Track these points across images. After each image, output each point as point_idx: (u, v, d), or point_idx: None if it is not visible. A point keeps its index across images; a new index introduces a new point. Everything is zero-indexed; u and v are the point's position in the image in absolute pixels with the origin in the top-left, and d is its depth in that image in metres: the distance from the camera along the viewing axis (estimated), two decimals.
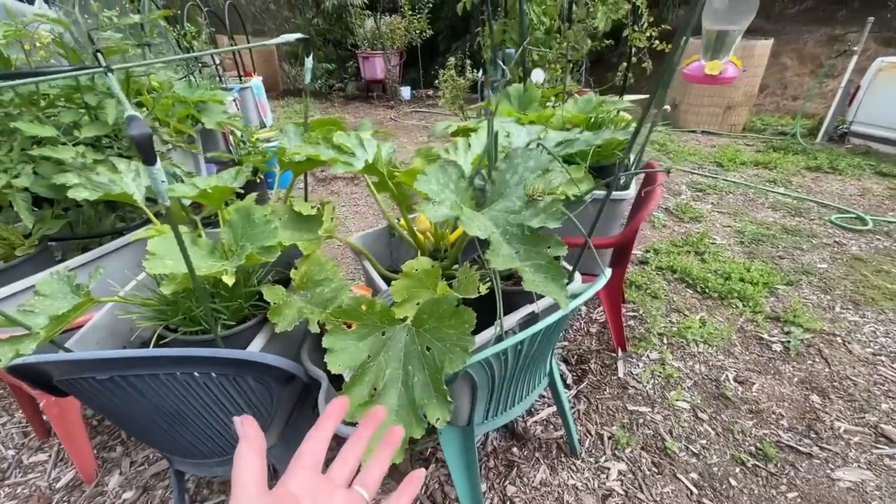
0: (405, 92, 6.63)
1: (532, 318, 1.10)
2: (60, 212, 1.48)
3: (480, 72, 3.89)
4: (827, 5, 15.01)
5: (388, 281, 1.21)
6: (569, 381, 1.81)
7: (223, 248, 0.95)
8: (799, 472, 1.44)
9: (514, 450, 1.55)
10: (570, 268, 1.19)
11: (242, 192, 1.31)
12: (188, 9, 3.22)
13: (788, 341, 1.95)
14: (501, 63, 1.10)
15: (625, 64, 2.40)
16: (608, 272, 1.16)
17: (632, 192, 1.59)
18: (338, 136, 1.20)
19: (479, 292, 1.00)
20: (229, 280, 0.81)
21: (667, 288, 2.32)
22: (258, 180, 2.94)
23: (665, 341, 1.97)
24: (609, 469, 1.47)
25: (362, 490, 0.42)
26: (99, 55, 0.88)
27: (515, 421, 1.65)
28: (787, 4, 15.91)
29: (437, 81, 3.85)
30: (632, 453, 1.52)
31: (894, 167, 3.80)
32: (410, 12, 6.24)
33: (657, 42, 2.23)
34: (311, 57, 1.18)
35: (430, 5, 6.25)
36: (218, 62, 3.47)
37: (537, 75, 2.76)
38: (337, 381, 0.99)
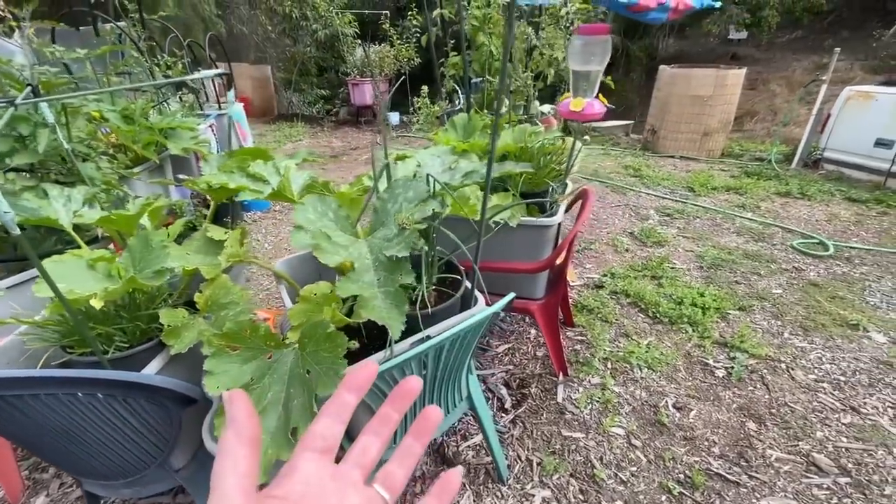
0: (393, 117, 6.79)
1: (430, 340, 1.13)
2: (3, 234, 1.54)
3: (446, 100, 4.01)
4: (815, 34, 15.39)
5: None
6: (507, 405, 1.81)
7: (118, 272, 0.99)
8: (725, 500, 1.42)
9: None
10: (488, 292, 1.22)
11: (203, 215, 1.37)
12: (170, 40, 3.37)
13: (732, 367, 1.95)
14: (460, 92, 1.18)
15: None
16: (511, 295, 1.19)
17: (557, 218, 1.63)
18: (255, 165, 1.26)
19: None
20: (97, 304, 0.85)
21: (619, 312, 2.33)
22: (230, 202, 3.02)
23: (609, 366, 1.97)
24: (534, 496, 1.46)
25: (383, 491, 0.32)
26: (30, 88, 0.94)
27: (447, 444, 1.65)
28: (777, 34, 16.32)
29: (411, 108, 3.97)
30: (559, 480, 1.51)
31: (863, 193, 3.84)
32: (399, 41, 6.46)
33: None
34: (232, 91, 1.24)
35: (418, 34, 6.46)
36: (198, 88, 3.60)
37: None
38: None
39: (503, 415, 1.77)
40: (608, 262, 2.84)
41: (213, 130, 3.30)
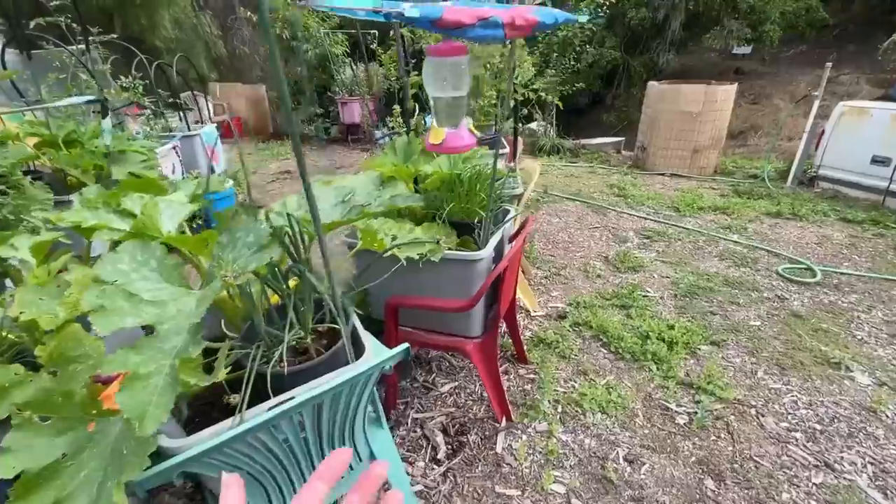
0: (380, 135, 6.74)
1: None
2: None
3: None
4: (820, 48, 15.21)
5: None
6: (441, 454, 1.64)
7: None
8: None
9: None
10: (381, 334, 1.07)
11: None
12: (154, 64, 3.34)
13: (696, 412, 1.76)
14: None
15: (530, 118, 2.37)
16: (402, 347, 1.04)
17: (483, 253, 1.48)
18: (128, 199, 1.14)
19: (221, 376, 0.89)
20: None
21: (579, 347, 2.16)
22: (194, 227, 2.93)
23: (559, 409, 1.80)
24: None
25: None
26: None
27: None
28: (782, 48, 16.17)
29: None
30: None
31: (860, 213, 3.64)
32: (389, 60, 6.44)
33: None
34: (108, 118, 1.14)
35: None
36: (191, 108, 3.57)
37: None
38: None
39: (435, 466, 1.60)
40: (577, 289, 2.68)
41: (177, 153, 3.24)
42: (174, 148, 3.22)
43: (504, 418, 1.74)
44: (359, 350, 1.08)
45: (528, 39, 7.71)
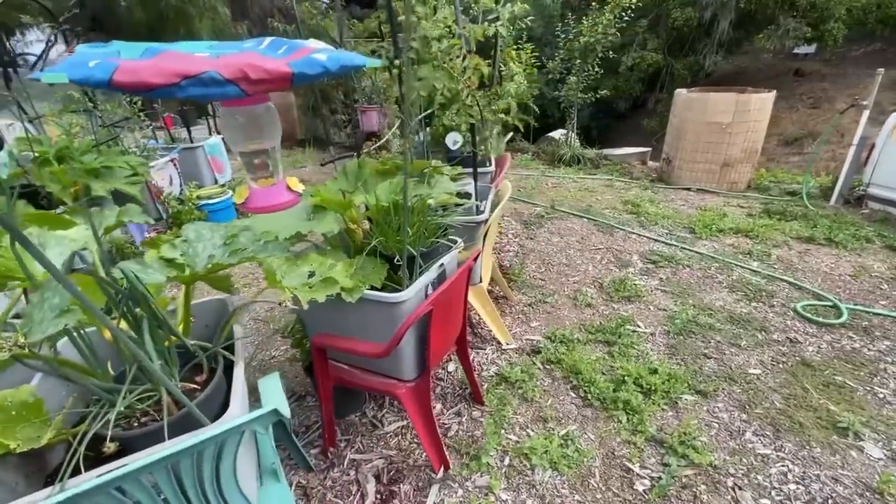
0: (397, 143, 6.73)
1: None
2: None
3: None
4: (894, 46, 13.79)
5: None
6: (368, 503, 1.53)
7: None
8: None
9: None
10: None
11: None
12: None
13: (660, 477, 1.55)
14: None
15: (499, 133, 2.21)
16: (267, 408, 0.95)
17: (405, 294, 1.35)
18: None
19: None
20: None
21: (545, 388, 1.98)
22: None
23: (506, 462, 1.64)
24: None
25: None
26: None
27: None
28: (851, 46, 14.80)
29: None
30: None
31: None
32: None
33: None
34: (3, 150, 1.12)
35: None
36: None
37: (451, 139, 2.63)
38: None
39: None
40: (561, 319, 2.48)
41: (175, 165, 3.32)
42: (172, 160, 3.30)
43: (441, 468, 1.60)
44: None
45: (544, 46, 7.40)
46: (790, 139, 11.30)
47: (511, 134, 4.35)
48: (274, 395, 1.25)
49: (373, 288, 1.40)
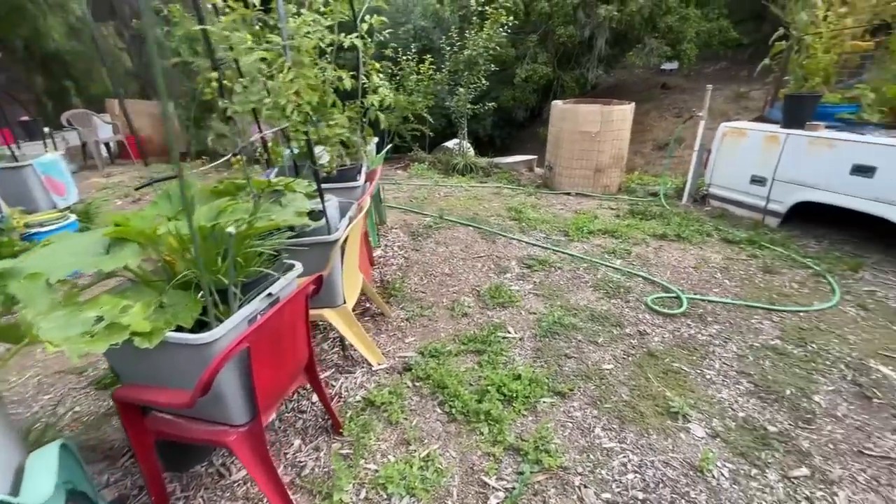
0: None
1: None
2: None
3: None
4: (737, 66, 16.21)
5: None
6: None
7: None
8: None
9: None
10: None
11: None
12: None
13: (514, 487, 1.56)
14: None
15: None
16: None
17: (220, 332, 1.22)
18: None
19: None
20: None
21: (412, 408, 1.93)
22: None
23: (362, 496, 1.55)
24: None
25: None
26: None
27: None
28: (704, 64, 17.10)
29: None
30: None
31: (741, 232, 3.68)
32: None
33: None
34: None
35: None
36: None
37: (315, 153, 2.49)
38: None
39: None
40: (437, 332, 2.46)
41: None
42: None
43: None
44: None
45: (436, 56, 7.52)
46: (661, 144, 12.73)
47: (391, 145, 4.31)
48: (41, 475, 1.04)
49: (180, 329, 1.23)
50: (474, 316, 2.61)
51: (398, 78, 6.26)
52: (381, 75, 2.80)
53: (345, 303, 2.08)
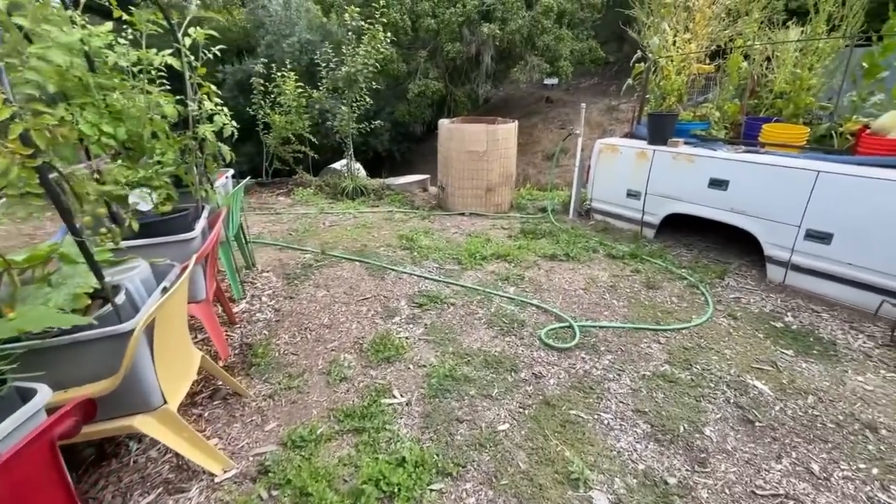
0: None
1: None
2: None
3: None
4: (606, 81, 17.87)
5: None
6: None
7: None
8: None
9: None
10: None
11: None
12: None
13: None
14: None
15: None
16: None
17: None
18: None
19: None
20: None
21: None
22: None
23: None
24: None
25: None
26: None
27: None
28: (580, 80, 18.63)
29: None
30: None
31: (623, 246, 3.78)
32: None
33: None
34: None
35: None
36: None
37: (134, 198, 1.96)
38: None
39: None
40: (307, 408, 2.03)
41: None
42: None
43: None
44: None
45: (309, 75, 7.04)
46: (550, 154, 13.50)
47: (249, 180, 3.75)
48: None
49: None
50: (355, 379, 2.22)
51: (272, 96, 5.68)
52: (218, 100, 2.31)
53: (165, 403, 1.57)
